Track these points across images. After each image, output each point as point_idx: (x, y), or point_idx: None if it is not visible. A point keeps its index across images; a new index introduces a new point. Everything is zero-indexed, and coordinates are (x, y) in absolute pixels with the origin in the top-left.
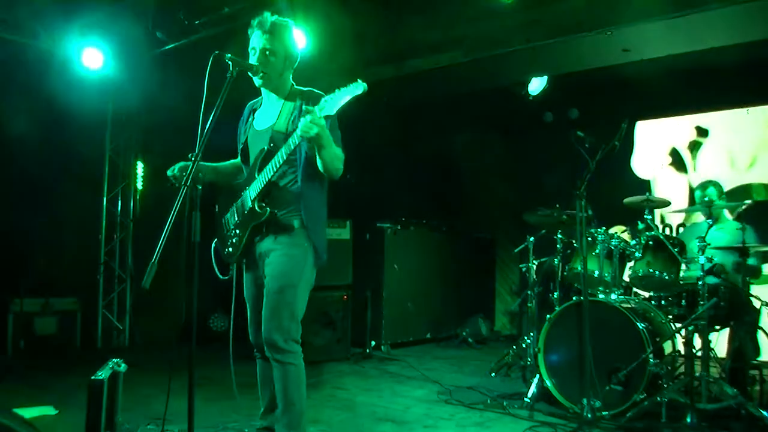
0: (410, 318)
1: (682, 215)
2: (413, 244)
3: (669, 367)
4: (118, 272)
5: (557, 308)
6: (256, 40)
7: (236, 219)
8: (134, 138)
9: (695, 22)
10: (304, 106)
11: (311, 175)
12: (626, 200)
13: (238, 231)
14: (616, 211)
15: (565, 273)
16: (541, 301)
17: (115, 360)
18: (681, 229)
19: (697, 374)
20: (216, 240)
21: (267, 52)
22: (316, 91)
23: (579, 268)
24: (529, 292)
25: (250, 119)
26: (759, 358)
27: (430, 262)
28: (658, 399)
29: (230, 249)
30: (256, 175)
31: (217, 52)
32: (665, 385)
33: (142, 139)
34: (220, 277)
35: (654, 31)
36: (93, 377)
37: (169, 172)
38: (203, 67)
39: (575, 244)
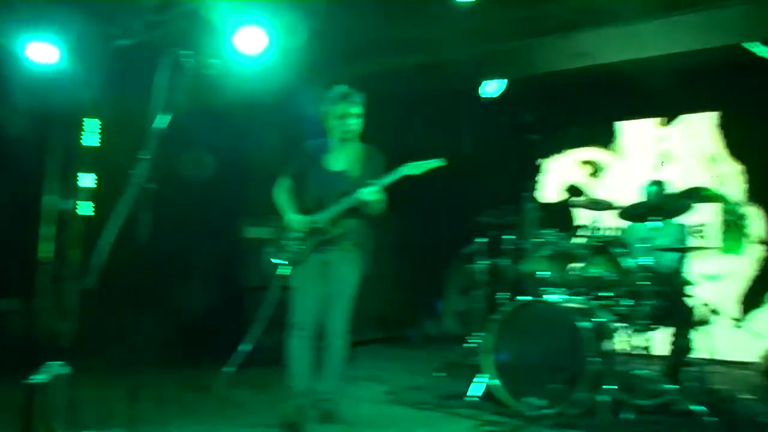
0: (357, 318)
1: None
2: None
3: (611, 366)
4: (60, 271)
5: (504, 309)
6: (352, 107)
7: (302, 234)
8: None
9: (680, 24)
10: (368, 168)
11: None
12: (570, 201)
13: (304, 241)
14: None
15: (513, 274)
16: (489, 302)
17: (56, 362)
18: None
19: (638, 372)
20: (268, 248)
21: (361, 117)
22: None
23: (527, 269)
24: (477, 293)
25: (319, 159)
26: (696, 356)
27: (379, 261)
28: (600, 396)
29: (291, 255)
30: (330, 204)
31: (175, 49)
32: (607, 383)
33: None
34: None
35: (634, 33)
36: (29, 380)
37: (298, 227)
38: (160, 64)
39: (524, 245)
